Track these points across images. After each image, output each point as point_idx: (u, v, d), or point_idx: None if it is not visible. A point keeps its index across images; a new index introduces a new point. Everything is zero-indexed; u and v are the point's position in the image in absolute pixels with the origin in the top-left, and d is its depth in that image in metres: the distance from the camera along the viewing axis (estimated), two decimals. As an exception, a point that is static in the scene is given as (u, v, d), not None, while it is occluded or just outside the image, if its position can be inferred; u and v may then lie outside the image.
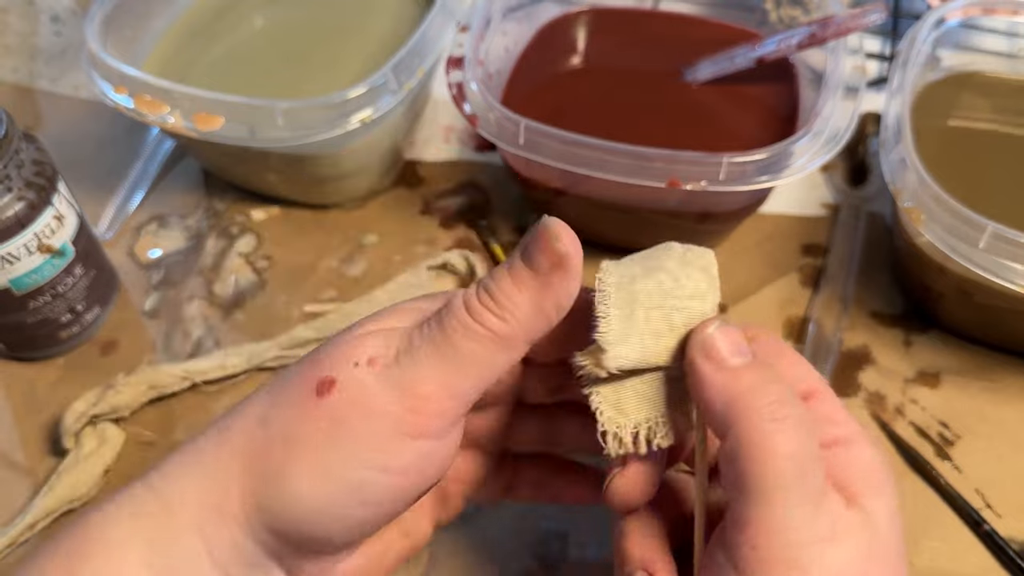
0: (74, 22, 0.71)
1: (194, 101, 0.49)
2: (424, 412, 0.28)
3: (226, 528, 0.28)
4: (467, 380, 0.28)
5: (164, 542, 0.28)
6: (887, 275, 0.54)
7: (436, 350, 0.28)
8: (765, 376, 0.28)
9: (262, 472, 0.28)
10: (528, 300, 0.28)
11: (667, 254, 0.31)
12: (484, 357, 0.28)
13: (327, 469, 0.27)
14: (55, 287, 0.47)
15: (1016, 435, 0.47)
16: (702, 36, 0.59)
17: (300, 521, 0.28)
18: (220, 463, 0.28)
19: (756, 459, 0.26)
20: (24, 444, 0.48)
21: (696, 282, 0.30)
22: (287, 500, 0.27)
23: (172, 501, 0.28)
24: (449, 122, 0.63)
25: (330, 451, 0.27)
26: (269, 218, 0.58)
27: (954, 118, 0.54)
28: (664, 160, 0.46)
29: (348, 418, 0.27)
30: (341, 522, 0.28)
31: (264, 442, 0.28)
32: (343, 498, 0.28)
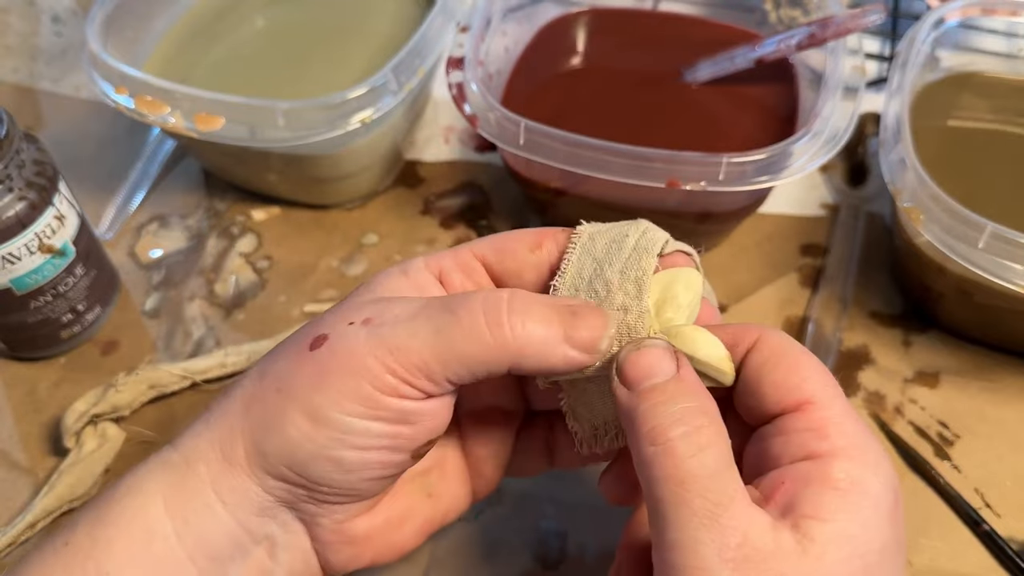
0: (75, 22, 0.71)
1: (195, 101, 0.50)
2: (401, 376, 0.29)
3: (234, 477, 0.30)
4: (453, 367, 0.29)
5: (184, 492, 0.30)
6: (886, 275, 0.54)
7: (434, 329, 0.29)
8: (659, 399, 0.28)
9: (259, 420, 0.29)
10: (545, 339, 0.29)
11: (626, 241, 0.32)
12: (479, 358, 0.29)
13: (314, 413, 0.29)
14: (56, 287, 0.48)
15: (1015, 435, 0.47)
16: (702, 36, 0.59)
17: (297, 464, 0.29)
18: (225, 417, 0.30)
19: (643, 479, 0.27)
20: (25, 443, 0.48)
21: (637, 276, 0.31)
22: (282, 445, 0.29)
23: (190, 456, 0.30)
24: (449, 122, 0.63)
25: (316, 396, 0.29)
26: (269, 218, 0.58)
27: (953, 118, 0.54)
28: (664, 160, 0.46)
29: (333, 367, 0.29)
30: (335, 465, 0.29)
31: (261, 392, 0.30)
32: (332, 442, 0.29)
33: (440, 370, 0.29)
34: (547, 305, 0.30)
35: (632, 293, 0.31)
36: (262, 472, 0.30)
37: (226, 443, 0.30)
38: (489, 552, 0.43)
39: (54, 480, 0.45)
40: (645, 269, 0.31)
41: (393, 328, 0.29)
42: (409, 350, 0.28)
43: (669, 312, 0.31)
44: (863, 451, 0.28)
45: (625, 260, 0.31)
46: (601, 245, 0.32)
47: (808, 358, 0.30)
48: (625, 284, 0.31)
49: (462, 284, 0.33)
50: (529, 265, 0.33)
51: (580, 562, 0.43)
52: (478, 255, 0.33)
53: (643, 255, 0.31)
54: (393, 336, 0.29)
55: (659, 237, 0.32)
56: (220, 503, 0.30)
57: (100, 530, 0.29)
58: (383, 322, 0.29)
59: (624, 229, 0.32)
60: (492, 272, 0.33)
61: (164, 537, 0.29)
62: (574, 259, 0.32)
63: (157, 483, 0.30)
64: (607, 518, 0.44)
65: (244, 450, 0.30)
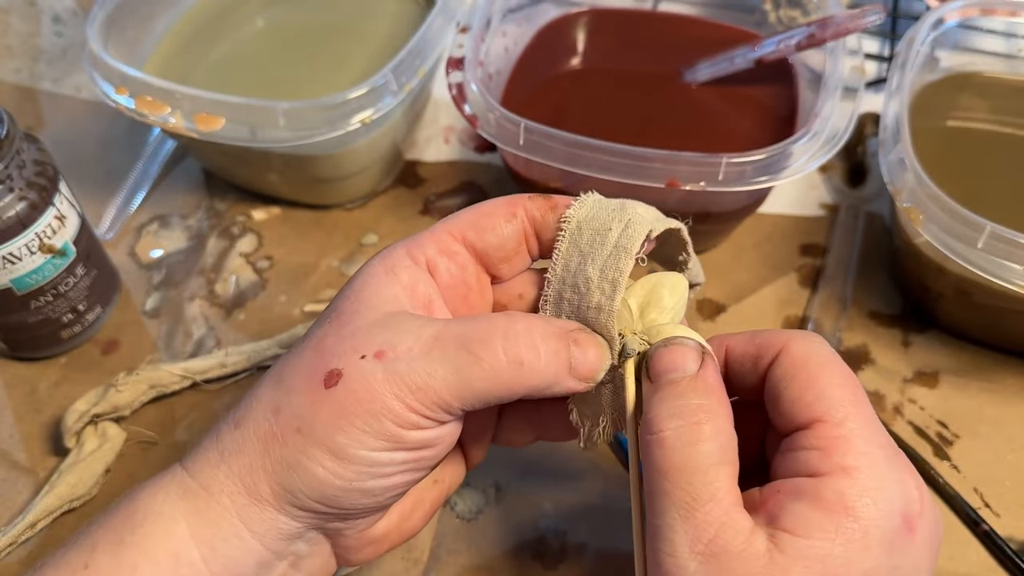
0: (75, 23, 0.71)
1: (195, 102, 0.50)
2: (421, 413, 0.30)
3: (261, 510, 0.30)
4: (470, 401, 0.30)
5: (208, 520, 0.30)
6: (885, 275, 0.54)
7: (454, 369, 0.29)
8: (670, 392, 0.30)
9: (282, 459, 0.30)
10: (556, 373, 0.30)
11: (608, 235, 0.32)
12: (495, 393, 0.30)
13: (339, 452, 0.29)
14: (56, 287, 0.48)
15: (1014, 435, 0.47)
16: (701, 37, 0.59)
17: (325, 499, 0.30)
18: (243, 454, 0.30)
19: (643, 466, 0.29)
20: (25, 443, 0.48)
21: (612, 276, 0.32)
22: (310, 483, 0.30)
23: (211, 487, 0.30)
24: (449, 122, 0.63)
25: (339, 436, 0.29)
26: (270, 218, 0.58)
27: (952, 118, 0.54)
28: (663, 161, 0.46)
29: (353, 408, 0.29)
30: (363, 494, 0.30)
31: (280, 432, 0.30)
32: (359, 476, 0.30)
33: (458, 404, 0.30)
34: (555, 337, 0.31)
35: (607, 293, 0.32)
36: (291, 507, 0.30)
37: (247, 480, 0.30)
38: (489, 552, 0.43)
39: (54, 480, 0.45)
40: (622, 270, 0.32)
41: (410, 365, 0.29)
42: (429, 389, 0.29)
43: (653, 314, 0.32)
44: (868, 474, 0.28)
45: (605, 258, 0.32)
46: (587, 236, 0.33)
47: (829, 370, 0.30)
48: (602, 283, 0.32)
49: (448, 270, 0.33)
50: (508, 237, 0.34)
51: (580, 562, 0.43)
52: (457, 235, 0.34)
53: (622, 255, 0.32)
54: (411, 375, 0.29)
55: (639, 233, 0.32)
56: (248, 532, 0.30)
57: (124, 554, 0.30)
58: (397, 357, 0.29)
59: (609, 219, 0.33)
60: (474, 250, 0.34)
61: (191, 563, 0.30)
62: (563, 250, 0.33)
63: (179, 510, 0.30)
64: (607, 518, 0.44)
65: (270, 488, 0.30)
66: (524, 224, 0.34)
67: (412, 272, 0.32)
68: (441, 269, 0.33)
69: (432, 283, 0.33)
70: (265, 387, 0.31)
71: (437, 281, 0.33)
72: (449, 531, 0.44)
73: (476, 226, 0.34)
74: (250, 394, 0.32)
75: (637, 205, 0.34)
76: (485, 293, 0.35)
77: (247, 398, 0.32)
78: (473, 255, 0.34)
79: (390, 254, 0.33)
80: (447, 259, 0.33)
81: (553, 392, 0.31)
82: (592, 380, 0.31)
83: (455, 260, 0.33)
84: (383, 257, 0.33)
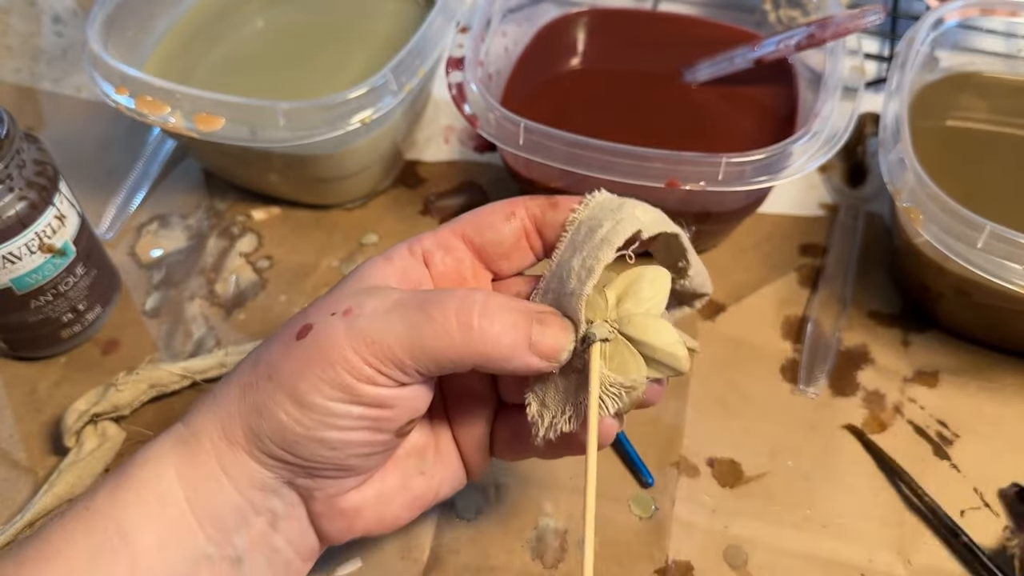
0: (76, 23, 0.71)
1: (195, 102, 0.50)
2: (376, 367, 0.31)
3: (236, 455, 0.32)
4: (423, 361, 0.31)
5: (193, 463, 0.32)
6: (885, 275, 0.54)
7: (408, 325, 0.30)
8: None
9: (253, 405, 0.32)
10: (511, 345, 0.31)
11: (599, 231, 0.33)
12: (447, 355, 0.31)
13: (300, 399, 0.31)
14: (56, 286, 0.48)
15: (1014, 434, 0.47)
16: (701, 37, 0.59)
17: (288, 445, 0.31)
18: (226, 400, 0.33)
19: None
20: (25, 443, 0.48)
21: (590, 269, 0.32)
22: (273, 427, 0.31)
23: (198, 431, 0.33)
24: (449, 122, 0.63)
25: (300, 383, 0.31)
26: (270, 218, 0.58)
27: (952, 118, 0.54)
28: (663, 160, 0.46)
29: (315, 357, 0.31)
30: (321, 444, 0.31)
31: (255, 379, 0.32)
32: (316, 424, 0.31)
33: (411, 363, 0.31)
34: (516, 311, 0.31)
35: (582, 279, 0.32)
36: (259, 452, 0.32)
37: (227, 424, 0.32)
38: (489, 551, 0.43)
39: (54, 479, 0.45)
40: (599, 259, 0.32)
41: (370, 321, 0.31)
42: (383, 343, 0.30)
43: (629, 304, 0.32)
44: None
45: (590, 249, 0.32)
46: (584, 232, 0.33)
47: None
48: (580, 271, 0.32)
49: (442, 261, 0.35)
50: (507, 235, 0.35)
51: (580, 561, 0.43)
52: (457, 233, 0.35)
53: (604, 247, 0.32)
54: (370, 329, 0.30)
55: (626, 229, 0.32)
56: (225, 476, 0.32)
57: (119, 494, 0.32)
58: (361, 314, 0.31)
59: (602, 218, 0.33)
60: (474, 246, 0.35)
61: (176, 503, 0.32)
62: (560, 248, 0.34)
63: (170, 454, 0.33)
64: (607, 518, 0.44)
65: (243, 432, 0.32)
66: (524, 223, 0.35)
67: (406, 260, 0.34)
68: (436, 260, 0.35)
69: (425, 271, 0.35)
70: (258, 347, 0.34)
71: (431, 270, 0.35)
72: (449, 531, 0.44)
73: (475, 224, 0.35)
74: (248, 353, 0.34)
75: (637, 206, 0.34)
76: (482, 286, 0.36)
77: (245, 356, 0.34)
78: (473, 252, 0.35)
79: (393, 247, 0.35)
80: (443, 252, 0.35)
81: (514, 367, 0.31)
82: (554, 360, 0.31)
83: (451, 254, 0.35)
84: (386, 250, 0.35)
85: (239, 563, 0.33)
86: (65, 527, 0.31)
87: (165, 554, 0.31)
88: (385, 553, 0.43)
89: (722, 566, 0.43)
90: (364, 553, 0.43)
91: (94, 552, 0.31)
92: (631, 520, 0.44)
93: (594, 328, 0.32)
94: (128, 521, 0.31)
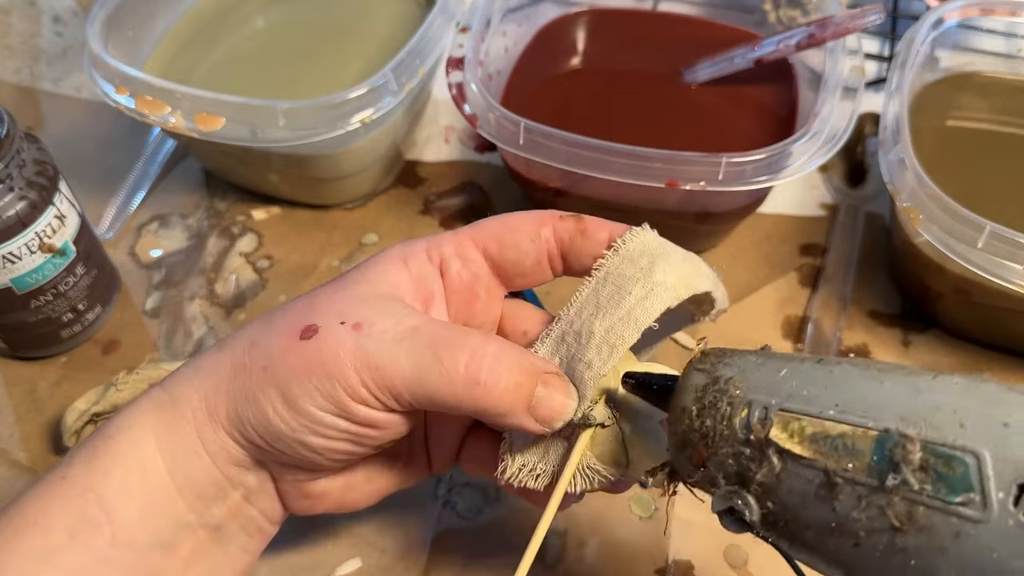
0: (76, 23, 0.71)
1: (195, 101, 0.50)
2: (372, 392, 0.30)
3: (216, 431, 0.32)
4: (420, 399, 0.31)
5: (173, 433, 0.32)
6: (885, 275, 0.54)
7: (414, 363, 0.30)
8: None
9: (243, 389, 0.32)
10: (512, 406, 0.31)
11: (627, 299, 0.32)
12: (446, 401, 0.31)
13: (291, 400, 0.31)
14: (56, 286, 0.48)
15: (1014, 434, 0.47)
16: (701, 37, 0.59)
17: (269, 437, 0.31)
18: (213, 373, 0.32)
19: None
20: (25, 442, 0.48)
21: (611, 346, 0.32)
22: (259, 418, 0.31)
23: (179, 400, 0.32)
24: (449, 122, 0.63)
25: (295, 385, 0.31)
26: (270, 218, 0.58)
27: (952, 118, 0.54)
28: (663, 160, 0.46)
29: (315, 365, 0.31)
30: (303, 446, 0.31)
31: (249, 363, 0.32)
32: (302, 428, 0.31)
33: (408, 397, 0.31)
34: (524, 372, 0.31)
35: (603, 356, 0.31)
36: (239, 435, 0.32)
37: (211, 398, 0.32)
38: (489, 552, 0.43)
39: (55, 479, 0.45)
40: (625, 340, 0.31)
41: (378, 346, 0.30)
42: (385, 374, 0.30)
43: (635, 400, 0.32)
44: None
45: (615, 321, 0.32)
46: (609, 290, 0.32)
47: None
48: (602, 345, 0.31)
49: (459, 274, 0.34)
50: (529, 256, 0.34)
51: (580, 561, 0.43)
52: (479, 244, 0.35)
53: (631, 325, 0.31)
54: (376, 355, 0.30)
55: (655, 308, 0.32)
56: (204, 449, 0.32)
57: (97, 463, 0.32)
58: (371, 334, 0.31)
59: (633, 279, 0.32)
60: (493, 262, 0.35)
61: (156, 471, 0.32)
62: (582, 296, 0.33)
63: (149, 421, 0.32)
64: (607, 518, 0.44)
65: (226, 411, 0.32)
66: (549, 245, 0.34)
67: (423, 267, 0.34)
68: (452, 271, 0.34)
69: (439, 282, 0.34)
70: (256, 322, 0.33)
71: (446, 281, 0.34)
72: (449, 531, 0.44)
73: (499, 239, 0.34)
74: (243, 326, 0.34)
75: (669, 265, 0.33)
76: (492, 306, 0.36)
77: (239, 329, 0.34)
78: (491, 266, 0.35)
79: (411, 245, 0.34)
80: (460, 263, 0.34)
81: (507, 423, 0.31)
82: (549, 426, 0.31)
83: (468, 267, 0.34)
84: (404, 245, 0.34)
85: (218, 530, 0.33)
86: (39, 497, 0.31)
87: (147, 523, 0.31)
88: (385, 553, 0.43)
89: (722, 566, 0.43)
90: (364, 553, 0.43)
91: (73, 523, 0.30)
92: (631, 520, 0.44)
93: (595, 411, 0.32)
94: (108, 491, 0.31)
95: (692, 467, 0.29)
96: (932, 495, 0.24)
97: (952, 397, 0.24)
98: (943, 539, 0.23)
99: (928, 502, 0.24)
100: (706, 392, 0.28)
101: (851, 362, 0.27)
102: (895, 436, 0.24)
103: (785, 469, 0.26)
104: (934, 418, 0.24)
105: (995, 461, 0.23)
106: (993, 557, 0.23)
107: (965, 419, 0.24)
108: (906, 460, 0.24)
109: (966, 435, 0.24)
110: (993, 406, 0.24)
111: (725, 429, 0.27)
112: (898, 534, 0.24)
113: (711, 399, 0.28)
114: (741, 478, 0.27)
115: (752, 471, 0.27)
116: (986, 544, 0.23)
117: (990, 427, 0.23)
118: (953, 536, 0.23)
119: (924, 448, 0.24)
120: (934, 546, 0.23)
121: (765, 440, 0.26)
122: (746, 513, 0.27)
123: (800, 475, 0.26)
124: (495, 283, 0.35)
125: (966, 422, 0.24)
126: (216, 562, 0.34)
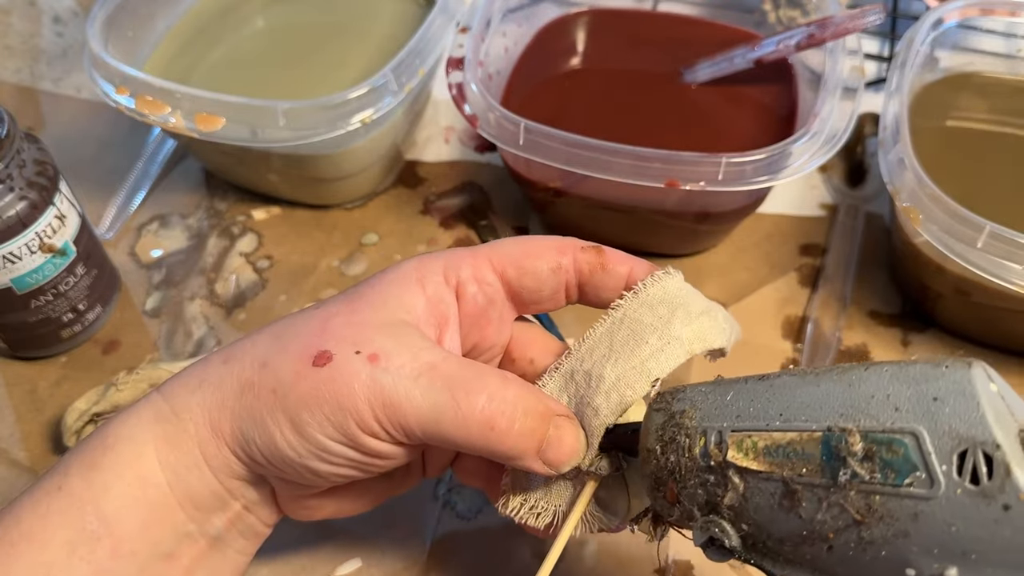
0: (76, 23, 0.71)
1: (195, 102, 0.50)
2: (384, 426, 0.30)
3: (218, 447, 0.32)
4: (432, 437, 0.31)
5: (175, 447, 0.32)
6: (885, 275, 0.54)
7: (431, 404, 0.30)
8: None
9: (249, 409, 0.31)
10: (523, 450, 0.31)
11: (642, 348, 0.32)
12: (458, 442, 0.31)
13: (300, 427, 0.30)
14: (57, 286, 0.48)
15: (1014, 434, 0.47)
16: (701, 37, 0.59)
17: (275, 459, 0.31)
18: (219, 389, 0.32)
19: None
20: (25, 442, 0.48)
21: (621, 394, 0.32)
22: (265, 441, 0.31)
23: (181, 412, 0.32)
24: (449, 122, 0.63)
25: (304, 413, 0.30)
26: (270, 218, 0.58)
27: (952, 118, 0.54)
28: (663, 160, 0.46)
29: (327, 395, 0.30)
30: (308, 471, 0.31)
31: (258, 383, 0.31)
32: (309, 454, 0.31)
33: (420, 434, 0.31)
34: (537, 417, 0.31)
35: (613, 406, 0.31)
36: (242, 452, 0.32)
37: (215, 414, 0.32)
38: (489, 551, 0.43)
39: (55, 479, 0.45)
40: (636, 392, 0.31)
41: (395, 383, 0.30)
42: (400, 411, 0.30)
43: None
44: None
45: (627, 370, 0.32)
46: (623, 334, 0.32)
47: None
48: (612, 393, 0.31)
49: (474, 298, 0.34)
50: (547, 286, 0.34)
51: (580, 561, 0.43)
52: (498, 268, 0.34)
53: (643, 378, 0.31)
54: (392, 391, 0.30)
55: (668, 364, 0.32)
56: (206, 464, 0.32)
57: (95, 475, 0.31)
58: (387, 368, 0.30)
59: (651, 328, 0.32)
60: (510, 287, 0.34)
61: (157, 485, 0.32)
62: (596, 334, 0.33)
63: (149, 433, 0.32)
64: (606, 517, 0.44)
65: (231, 429, 0.32)
66: (568, 275, 0.34)
67: (439, 289, 0.33)
68: (468, 296, 0.34)
69: (454, 306, 0.34)
70: (264, 335, 0.33)
71: (461, 306, 0.34)
72: (449, 531, 0.44)
73: (519, 265, 0.34)
74: (249, 335, 0.33)
75: (688, 317, 0.32)
76: (503, 329, 0.36)
77: (244, 338, 0.33)
78: (506, 290, 0.35)
79: (428, 263, 0.34)
80: (477, 287, 0.34)
81: (516, 464, 0.31)
82: (555, 470, 0.31)
83: (484, 291, 0.34)
84: (420, 262, 0.34)
85: (218, 539, 0.34)
86: (37, 508, 0.31)
87: (148, 536, 0.31)
88: (385, 553, 0.43)
89: (722, 565, 0.43)
90: (364, 553, 0.43)
91: (72, 537, 0.30)
92: (631, 520, 0.44)
93: (603, 461, 0.32)
94: (108, 505, 0.31)
95: (669, 505, 0.29)
96: (882, 482, 0.24)
97: (884, 383, 0.25)
98: (903, 523, 0.24)
99: (880, 489, 0.24)
100: (665, 429, 0.29)
101: (789, 372, 0.28)
102: (837, 432, 0.25)
103: (748, 487, 0.27)
104: (869, 407, 0.25)
105: (932, 436, 0.24)
106: (952, 531, 0.23)
107: (898, 402, 0.24)
108: (851, 453, 0.24)
109: (901, 417, 0.24)
110: (922, 384, 0.24)
111: (688, 461, 0.28)
112: (863, 527, 0.24)
113: (670, 435, 0.29)
114: (713, 506, 0.27)
115: (719, 496, 0.27)
116: (942, 519, 0.23)
117: (922, 404, 0.24)
118: (911, 518, 0.23)
119: (864, 438, 0.24)
120: (897, 532, 0.24)
121: (724, 463, 0.27)
122: (725, 540, 0.27)
123: (762, 490, 0.26)
124: (509, 307, 0.35)
125: (900, 405, 0.24)
126: (215, 567, 0.34)
